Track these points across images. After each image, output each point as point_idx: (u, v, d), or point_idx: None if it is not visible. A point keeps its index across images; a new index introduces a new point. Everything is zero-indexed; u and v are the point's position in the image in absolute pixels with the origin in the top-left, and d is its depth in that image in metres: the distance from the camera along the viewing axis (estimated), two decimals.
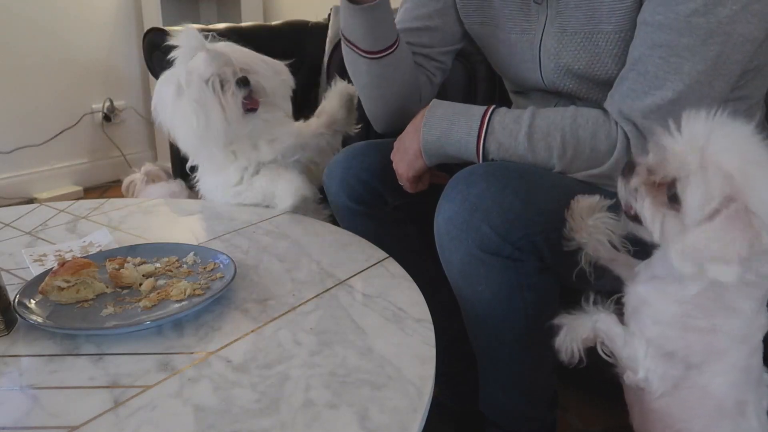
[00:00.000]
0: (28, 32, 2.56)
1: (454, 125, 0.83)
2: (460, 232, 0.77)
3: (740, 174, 0.54)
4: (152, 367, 0.60)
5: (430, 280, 0.80)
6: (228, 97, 1.03)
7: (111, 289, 0.74)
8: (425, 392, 0.55)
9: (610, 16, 0.79)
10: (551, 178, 0.81)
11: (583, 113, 0.80)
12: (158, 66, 2.08)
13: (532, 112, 0.81)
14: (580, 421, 1.17)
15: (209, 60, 1.03)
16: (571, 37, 0.83)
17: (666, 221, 0.59)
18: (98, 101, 2.85)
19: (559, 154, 0.80)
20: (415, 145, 0.87)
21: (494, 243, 0.75)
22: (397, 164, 0.92)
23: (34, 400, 0.55)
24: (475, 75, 1.46)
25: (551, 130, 0.79)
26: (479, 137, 0.82)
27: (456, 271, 0.81)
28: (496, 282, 0.78)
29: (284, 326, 0.67)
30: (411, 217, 1.03)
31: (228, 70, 1.04)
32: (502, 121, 0.81)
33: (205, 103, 1.02)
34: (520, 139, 0.80)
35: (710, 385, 0.64)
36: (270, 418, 0.52)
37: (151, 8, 2.79)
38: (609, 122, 0.79)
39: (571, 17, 0.83)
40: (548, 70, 0.88)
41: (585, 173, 0.81)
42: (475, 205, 0.75)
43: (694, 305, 0.63)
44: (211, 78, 1.02)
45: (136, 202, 1.15)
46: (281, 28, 2.28)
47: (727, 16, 0.69)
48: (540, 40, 0.87)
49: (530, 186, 0.77)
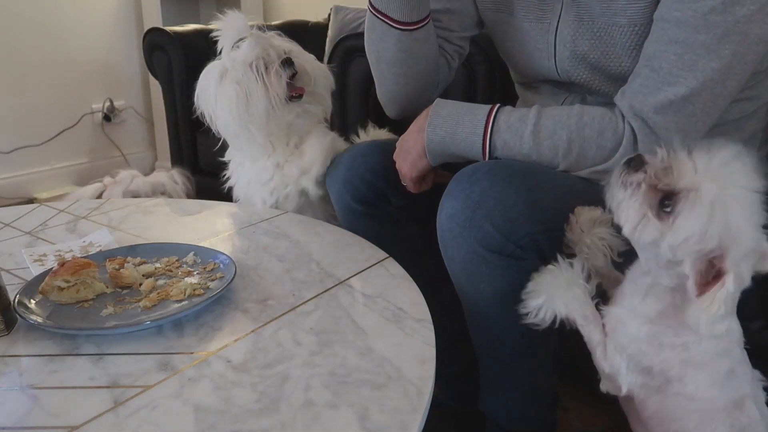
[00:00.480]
0: (28, 32, 2.56)
1: (459, 125, 0.83)
2: (462, 229, 0.77)
3: (738, 232, 0.55)
4: (152, 367, 0.59)
5: (430, 280, 0.80)
6: (272, 78, 1.02)
7: (111, 289, 0.74)
8: (425, 392, 0.55)
9: (626, 8, 0.79)
10: (555, 177, 0.81)
11: (589, 111, 0.80)
12: (158, 66, 2.08)
13: (538, 111, 0.81)
14: (580, 421, 1.17)
15: (253, 43, 1.03)
16: (588, 26, 0.83)
17: (645, 224, 0.60)
18: (98, 101, 2.85)
19: (564, 153, 0.80)
20: (419, 145, 0.87)
21: (497, 241, 0.75)
22: (400, 165, 0.92)
23: (34, 400, 0.55)
24: (475, 75, 1.46)
25: (557, 128, 0.79)
26: (485, 136, 0.82)
27: (458, 269, 0.81)
28: (498, 280, 0.78)
29: (284, 326, 0.67)
30: (414, 217, 1.03)
31: (272, 51, 1.04)
32: (508, 119, 0.81)
33: (248, 84, 1.02)
34: (525, 137, 0.80)
35: (696, 392, 0.64)
36: (270, 418, 0.52)
37: (151, 8, 2.79)
38: (616, 118, 0.78)
39: (588, 6, 0.83)
40: (563, 58, 0.88)
41: (589, 170, 0.81)
42: (478, 203, 0.75)
43: (664, 325, 0.64)
44: (255, 61, 1.02)
45: (136, 202, 1.15)
46: (281, 28, 2.28)
47: (744, 16, 0.69)
48: (556, 27, 0.87)
49: (534, 184, 0.77)
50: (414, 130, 0.89)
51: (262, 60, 1.03)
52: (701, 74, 0.72)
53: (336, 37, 1.96)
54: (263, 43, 1.04)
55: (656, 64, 0.75)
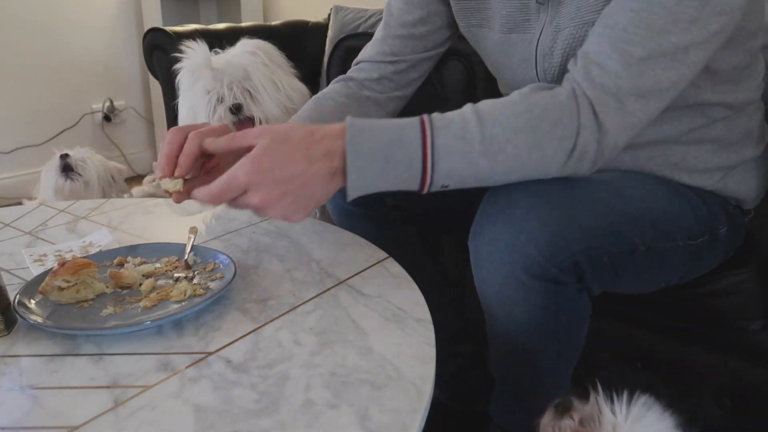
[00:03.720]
0: (28, 32, 2.56)
1: (389, 163, 0.68)
2: (503, 255, 0.72)
3: None
4: (152, 367, 0.60)
5: (430, 280, 0.80)
6: (215, 117, 1.06)
7: (111, 289, 0.74)
8: (425, 392, 0.55)
9: (596, 10, 0.75)
10: (589, 192, 0.77)
11: (538, 101, 0.70)
12: (158, 66, 2.08)
13: (478, 118, 0.69)
14: None
15: (210, 78, 1.07)
16: (562, 34, 0.81)
17: None
18: (98, 101, 2.85)
19: (524, 162, 0.70)
20: (329, 190, 0.69)
21: (540, 265, 0.71)
22: (285, 211, 0.68)
23: (34, 400, 0.55)
24: (474, 75, 1.46)
25: (509, 135, 0.68)
26: (425, 170, 0.69)
27: (492, 292, 0.77)
28: (533, 305, 0.75)
29: (284, 326, 0.67)
30: (410, 217, 1.03)
31: (229, 93, 1.07)
32: (447, 142, 0.68)
33: (197, 111, 1.05)
34: (474, 158, 0.69)
35: None
36: (270, 418, 0.52)
37: (151, 8, 2.79)
38: (567, 99, 0.70)
39: (564, 14, 0.80)
40: (542, 69, 0.86)
41: (560, 170, 0.72)
42: (521, 227, 0.71)
43: None
44: (210, 93, 1.05)
45: (136, 202, 1.15)
46: (281, 28, 2.29)
47: None
48: (538, 39, 0.86)
49: (572, 201, 0.73)
50: (318, 173, 0.67)
51: (217, 94, 1.06)
52: (658, 35, 0.68)
53: (336, 37, 1.96)
54: (223, 81, 1.07)
55: (611, 22, 0.70)
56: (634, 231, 0.77)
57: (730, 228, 0.89)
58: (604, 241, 0.74)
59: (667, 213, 0.81)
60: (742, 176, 0.90)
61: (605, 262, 0.75)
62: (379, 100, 1.01)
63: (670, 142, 0.85)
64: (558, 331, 0.78)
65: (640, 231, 0.77)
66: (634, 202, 0.79)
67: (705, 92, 0.82)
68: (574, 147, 0.70)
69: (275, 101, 1.14)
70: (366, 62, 1.01)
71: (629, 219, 0.77)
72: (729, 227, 0.89)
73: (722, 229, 0.88)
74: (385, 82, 1.01)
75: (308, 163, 0.66)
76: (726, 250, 0.92)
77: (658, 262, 0.81)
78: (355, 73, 1.02)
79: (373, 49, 1.01)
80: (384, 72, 1.00)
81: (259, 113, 1.11)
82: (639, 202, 0.80)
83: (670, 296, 0.95)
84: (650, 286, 0.88)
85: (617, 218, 0.76)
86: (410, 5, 0.97)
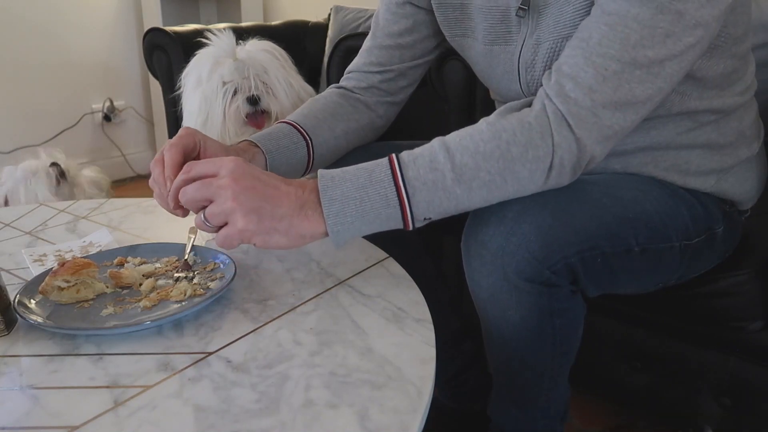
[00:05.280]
0: (28, 33, 2.56)
1: (364, 203, 0.69)
2: (494, 257, 0.72)
3: None
4: (152, 367, 0.60)
5: (430, 280, 0.80)
6: (232, 110, 1.07)
7: (111, 289, 0.74)
8: (425, 392, 0.55)
9: (573, 24, 0.75)
10: (580, 194, 0.77)
11: (506, 127, 0.70)
12: (158, 66, 2.08)
13: (445, 149, 0.70)
14: (580, 421, 1.17)
15: (233, 68, 1.07)
16: (542, 47, 0.80)
17: None
18: (98, 101, 2.85)
19: (498, 185, 0.70)
20: (317, 230, 0.69)
21: (532, 268, 0.72)
22: (278, 243, 0.69)
23: (34, 400, 0.55)
24: (474, 75, 1.46)
25: (479, 162, 0.69)
26: (402, 205, 0.69)
27: (485, 295, 0.77)
28: (527, 308, 0.75)
29: (284, 326, 0.67)
30: None
31: (246, 83, 1.07)
32: (418, 174, 0.69)
33: (212, 103, 1.06)
34: (449, 187, 0.69)
35: None
36: (270, 418, 0.52)
37: (151, 8, 2.79)
38: (535, 120, 0.70)
39: (544, 28, 0.79)
40: (525, 81, 0.85)
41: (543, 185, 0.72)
42: (512, 229, 0.71)
43: None
44: (228, 84, 1.05)
45: (136, 202, 1.15)
46: (281, 28, 2.29)
47: None
48: (520, 52, 0.85)
49: (564, 203, 0.74)
50: (306, 218, 0.68)
51: (233, 86, 1.07)
52: (633, 49, 0.67)
53: (336, 37, 1.97)
54: (245, 72, 1.08)
55: (585, 35, 0.70)
56: (628, 232, 0.77)
57: (727, 227, 0.89)
58: (598, 242, 0.74)
59: (662, 213, 0.81)
60: (738, 177, 0.89)
61: (599, 263, 0.75)
62: (370, 104, 1.03)
63: (660, 148, 0.84)
64: (552, 334, 0.78)
65: (634, 231, 0.77)
66: (628, 202, 0.79)
67: (691, 100, 0.81)
68: (551, 166, 0.70)
69: (290, 99, 1.15)
70: (354, 72, 1.03)
71: (623, 220, 0.77)
72: (726, 227, 0.89)
73: (719, 228, 0.87)
74: (374, 91, 1.03)
75: (289, 211, 0.68)
76: (723, 249, 0.92)
77: (654, 263, 0.81)
78: (345, 82, 1.04)
79: (360, 60, 1.03)
80: (372, 81, 1.02)
81: (276, 107, 1.12)
82: (633, 202, 0.79)
83: (670, 296, 0.95)
84: (648, 286, 0.88)
85: (610, 219, 0.76)
86: (396, 15, 0.98)
